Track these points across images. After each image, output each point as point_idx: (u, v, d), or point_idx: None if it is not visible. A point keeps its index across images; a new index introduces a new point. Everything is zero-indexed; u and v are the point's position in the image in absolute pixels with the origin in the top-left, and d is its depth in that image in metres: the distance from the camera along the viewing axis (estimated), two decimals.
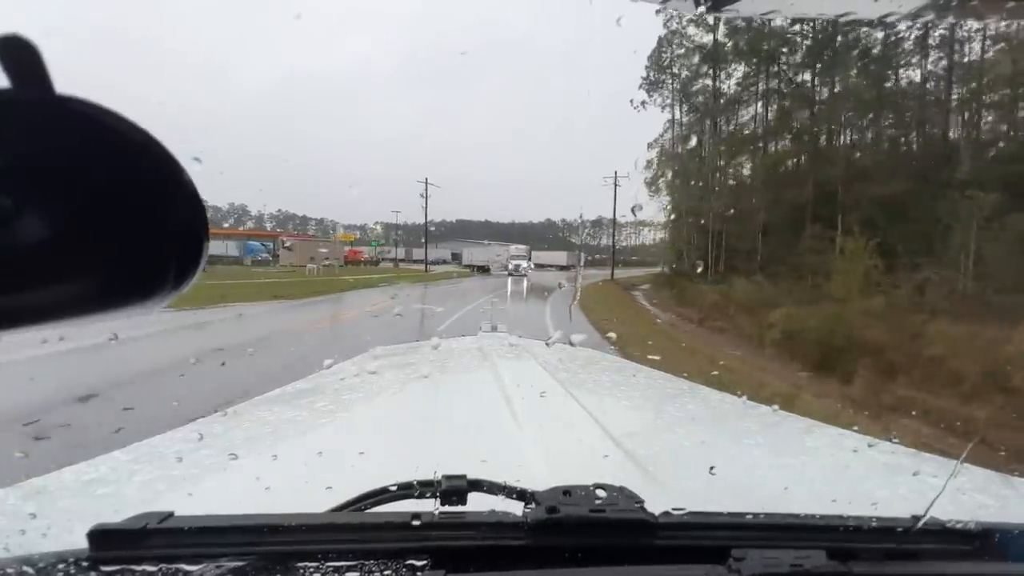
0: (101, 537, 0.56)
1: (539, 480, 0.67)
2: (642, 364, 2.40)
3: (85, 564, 0.55)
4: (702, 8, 0.44)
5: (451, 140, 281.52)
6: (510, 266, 42.94)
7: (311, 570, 0.55)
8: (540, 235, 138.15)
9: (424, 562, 0.56)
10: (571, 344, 2.46)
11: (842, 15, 0.47)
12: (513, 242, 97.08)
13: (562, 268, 74.51)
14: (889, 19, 0.44)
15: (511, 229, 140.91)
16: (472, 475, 0.67)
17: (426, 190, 42.66)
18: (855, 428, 1.35)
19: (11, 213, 0.26)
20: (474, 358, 2.08)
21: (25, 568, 0.55)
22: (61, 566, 0.55)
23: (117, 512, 0.61)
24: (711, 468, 0.90)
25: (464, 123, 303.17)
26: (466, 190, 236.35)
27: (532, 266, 44.94)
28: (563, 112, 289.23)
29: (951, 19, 0.48)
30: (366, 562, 0.56)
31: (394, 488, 0.68)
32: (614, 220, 44.87)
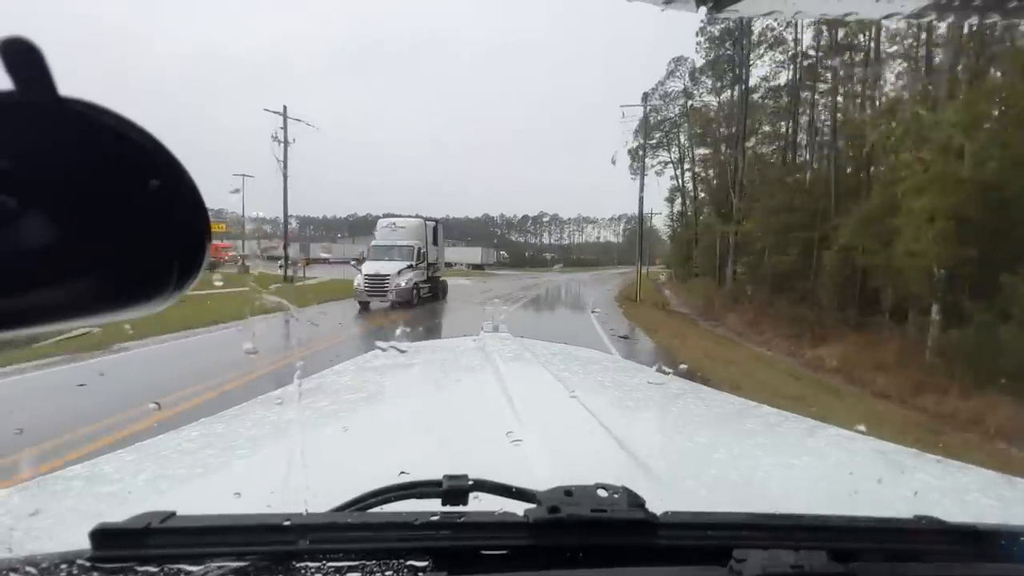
0: (103, 537, 0.57)
1: (541, 480, 0.68)
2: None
3: (87, 564, 0.55)
4: (703, 8, 0.43)
5: (383, 133, 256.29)
6: (361, 280, 16.49)
7: (312, 570, 0.55)
8: (478, 231, 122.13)
9: (425, 563, 0.57)
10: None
11: (844, 15, 0.48)
12: (457, 242, 78.89)
13: (475, 267, 59.17)
14: (891, 19, 0.45)
15: (445, 224, 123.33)
16: (474, 476, 0.67)
17: (285, 128, 23.48)
18: (861, 428, 1.29)
19: (15, 214, 0.27)
20: (476, 358, 1.98)
21: (28, 568, 0.55)
22: (64, 566, 0.55)
23: (120, 511, 0.62)
24: (713, 468, 0.98)
25: (397, 116, 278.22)
26: (397, 185, 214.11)
27: (428, 272, 19.13)
28: (509, 108, 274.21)
29: (952, 19, 0.48)
30: (367, 562, 0.56)
31: (397, 488, 0.67)
32: (641, 185, 25.66)
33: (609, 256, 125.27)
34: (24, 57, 0.26)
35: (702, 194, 44.33)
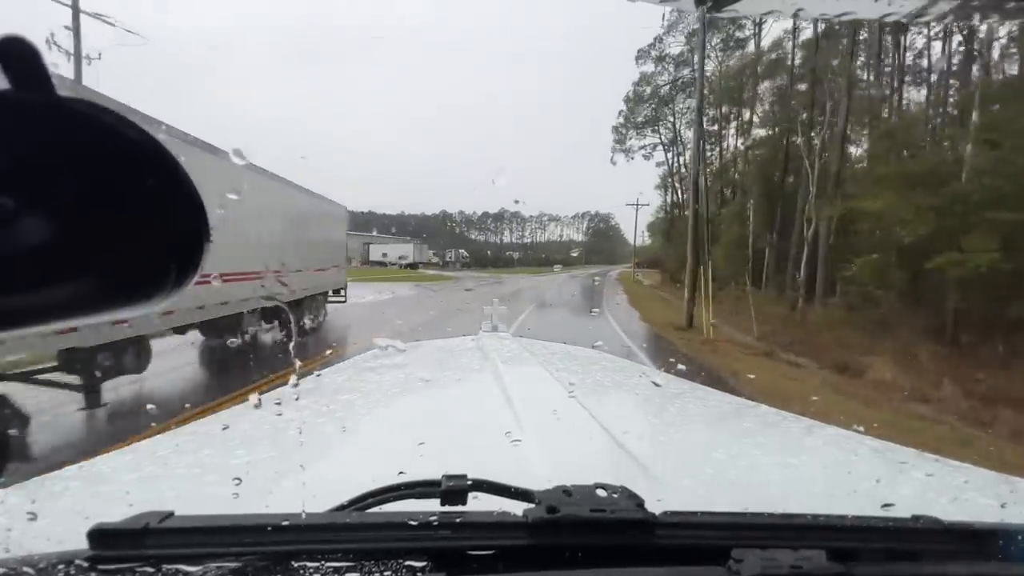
0: (101, 537, 0.57)
1: (541, 480, 0.67)
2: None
3: (85, 564, 0.55)
4: (702, 8, 0.42)
5: (335, 126, 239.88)
6: None
7: (311, 570, 0.55)
8: (434, 228, 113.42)
9: (424, 563, 0.56)
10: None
11: (842, 15, 0.48)
12: (397, 237, 67.44)
13: (408, 266, 52.32)
14: (889, 19, 0.45)
15: (398, 221, 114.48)
16: (473, 476, 0.66)
17: (76, 32, 13.29)
18: (860, 428, 1.27)
19: (12, 214, 0.26)
20: (474, 358, 1.99)
21: (26, 568, 0.54)
22: (61, 566, 0.55)
23: (118, 512, 0.61)
24: (711, 468, 0.97)
25: (352, 109, 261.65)
26: (351, 179, 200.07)
27: None
28: (470, 103, 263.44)
29: (951, 19, 0.50)
30: (366, 562, 0.56)
31: (395, 487, 0.67)
32: (699, 126, 15.83)
33: (578, 255, 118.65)
34: (21, 56, 0.25)
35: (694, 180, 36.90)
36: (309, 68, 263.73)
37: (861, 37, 17.89)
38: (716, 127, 32.36)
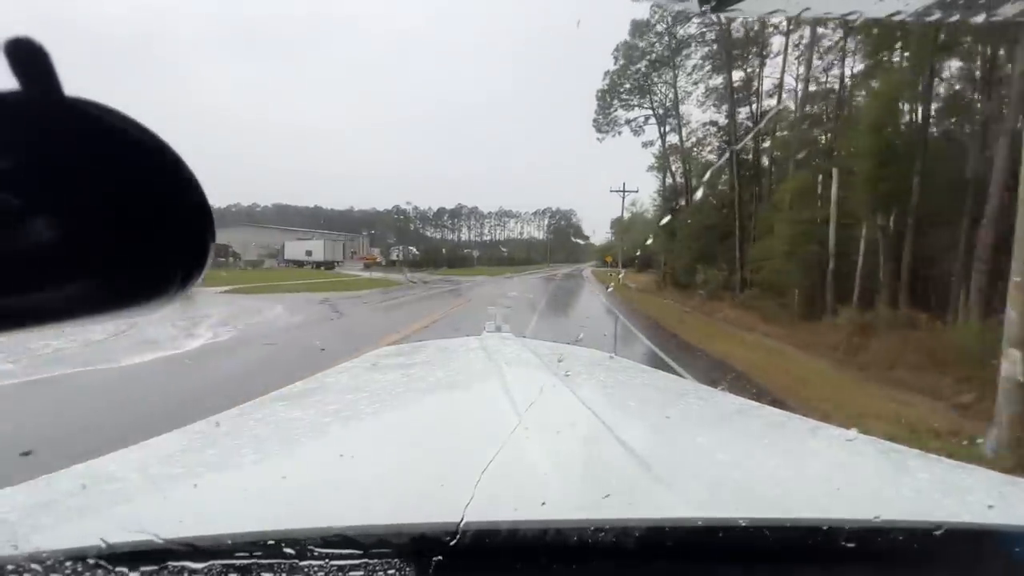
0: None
1: (544, 480, 0.67)
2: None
3: (92, 562, 0.56)
4: (705, 8, 0.43)
5: (285, 120, 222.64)
6: None
7: (315, 568, 0.56)
8: (386, 225, 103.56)
9: (427, 562, 0.57)
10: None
11: (847, 14, 0.46)
12: (334, 233, 57.88)
13: (320, 265, 46.02)
14: (895, 18, 0.44)
15: (347, 216, 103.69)
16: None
17: None
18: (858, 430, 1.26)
19: (21, 214, 0.26)
20: (478, 358, 1.99)
21: (33, 565, 0.55)
22: (69, 563, 0.56)
23: (124, 511, 0.61)
24: (715, 469, 0.96)
25: (297, 100, 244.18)
26: (296, 173, 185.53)
27: None
28: (424, 94, 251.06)
29: (957, 18, 0.48)
30: (370, 561, 0.57)
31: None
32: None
33: (540, 253, 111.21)
34: (30, 57, 0.25)
35: (700, 153, 29.34)
36: (252, 58, 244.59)
37: None
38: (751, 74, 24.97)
